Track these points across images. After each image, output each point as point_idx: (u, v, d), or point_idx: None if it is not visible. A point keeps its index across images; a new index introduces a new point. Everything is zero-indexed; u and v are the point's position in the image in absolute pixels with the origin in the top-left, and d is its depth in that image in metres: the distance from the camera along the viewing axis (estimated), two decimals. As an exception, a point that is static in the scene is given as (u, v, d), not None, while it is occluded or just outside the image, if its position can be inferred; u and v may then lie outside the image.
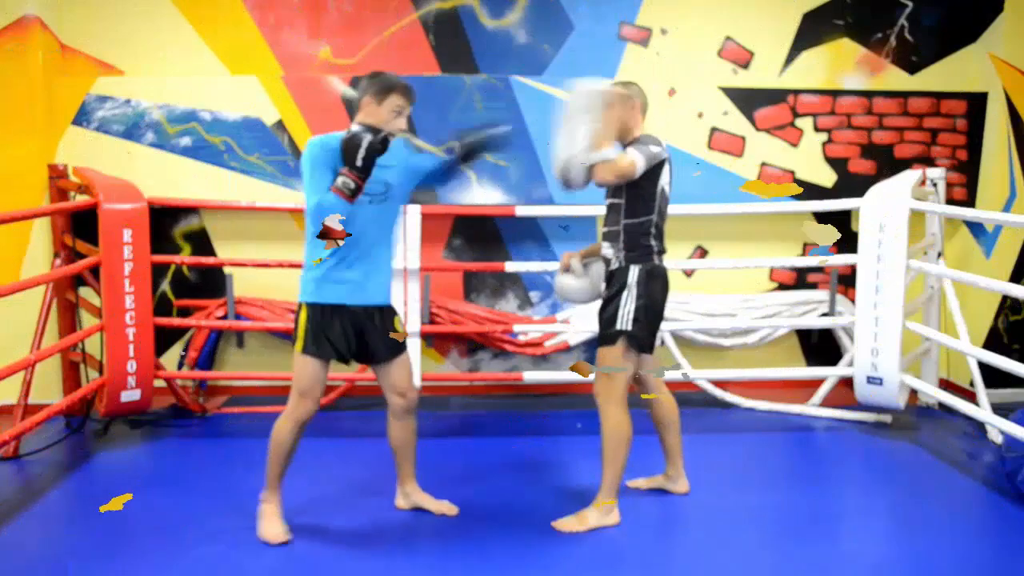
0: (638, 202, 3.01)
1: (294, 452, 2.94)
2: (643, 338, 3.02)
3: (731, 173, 4.86)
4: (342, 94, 4.65)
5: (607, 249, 3.11)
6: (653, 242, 3.04)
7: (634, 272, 3.02)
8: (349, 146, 2.68)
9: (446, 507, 3.17)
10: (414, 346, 4.38)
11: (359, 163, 2.67)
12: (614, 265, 3.08)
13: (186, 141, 4.63)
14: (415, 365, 3.93)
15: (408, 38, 4.68)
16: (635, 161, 2.91)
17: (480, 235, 4.80)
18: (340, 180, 2.67)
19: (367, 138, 2.68)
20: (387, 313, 2.98)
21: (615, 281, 3.06)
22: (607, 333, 3.03)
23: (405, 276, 4.35)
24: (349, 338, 2.89)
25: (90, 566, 2.74)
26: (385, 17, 4.65)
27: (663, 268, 3.08)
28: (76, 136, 4.56)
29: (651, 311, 3.03)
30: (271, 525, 2.94)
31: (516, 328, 4.60)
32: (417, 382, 3.66)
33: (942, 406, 4.52)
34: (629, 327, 2.99)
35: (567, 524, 3.03)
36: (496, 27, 4.70)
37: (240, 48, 4.62)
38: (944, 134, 4.94)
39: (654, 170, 2.98)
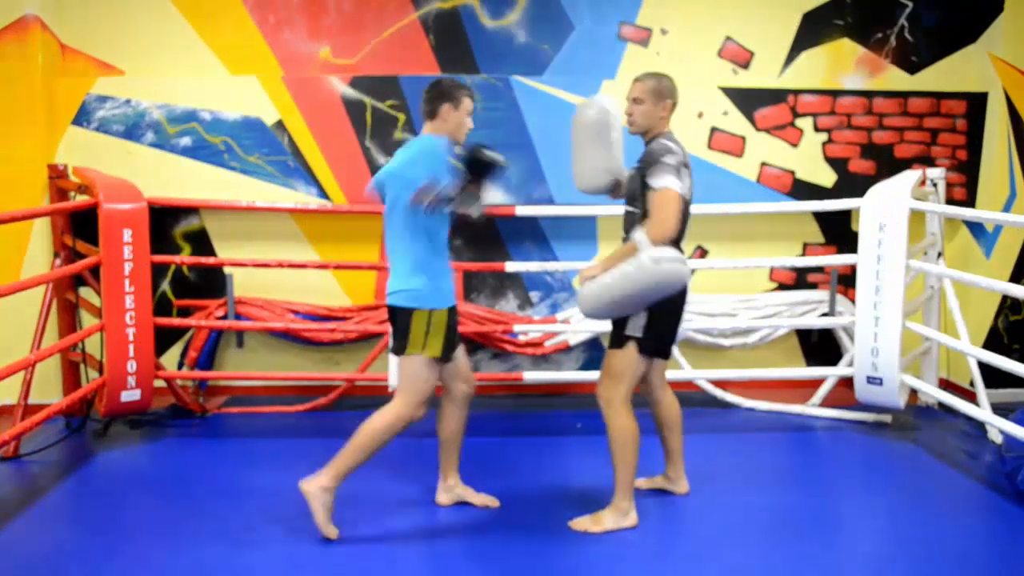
0: None
1: None
2: (655, 344, 3.01)
3: (731, 173, 4.86)
4: (342, 94, 4.65)
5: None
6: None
7: None
8: (483, 160, 2.80)
9: (489, 500, 3.23)
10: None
11: (483, 178, 2.83)
12: None
13: (186, 141, 4.64)
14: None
15: (408, 38, 4.68)
16: (673, 188, 2.86)
17: (480, 235, 4.79)
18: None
19: (498, 157, 2.82)
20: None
21: None
22: (617, 336, 3.02)
23: (405, 276, 4.35)
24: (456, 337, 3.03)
25: (90, 566, 2.75)
26: (385, 17, 4.65)
27: None
28: (76, 136, 4.56)
29: (665, 318, 3.00)
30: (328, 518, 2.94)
31: (516, 328, 4.60)
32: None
33: (942, 406, 4.51)
34: (639, 333, 2.97)
35: (582, 524, 3.03)
36: (496, 27, 4.70)
37: (240, 48, 4.61)
38: (944, 134, 4.94)
39: None
